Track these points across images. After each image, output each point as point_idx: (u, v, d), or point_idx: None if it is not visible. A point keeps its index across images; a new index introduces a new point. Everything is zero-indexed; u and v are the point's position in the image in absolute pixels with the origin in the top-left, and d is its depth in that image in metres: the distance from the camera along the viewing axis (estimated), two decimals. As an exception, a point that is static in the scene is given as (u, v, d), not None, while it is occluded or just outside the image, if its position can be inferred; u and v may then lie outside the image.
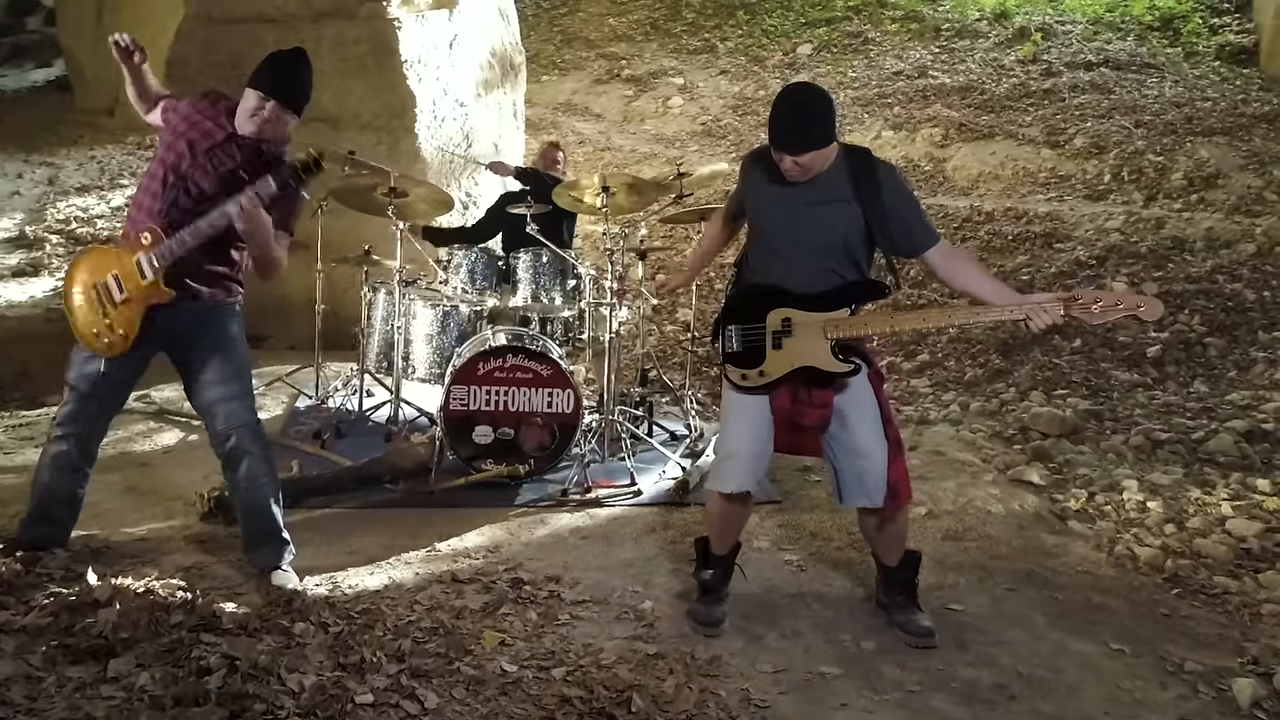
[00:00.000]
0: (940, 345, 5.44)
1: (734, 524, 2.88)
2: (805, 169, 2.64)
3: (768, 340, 2.72)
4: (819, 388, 2.68)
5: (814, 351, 2.67)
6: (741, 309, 2.79)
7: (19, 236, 8.16)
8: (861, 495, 2.70)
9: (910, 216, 2.66)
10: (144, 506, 3.59)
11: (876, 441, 2.67)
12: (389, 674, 2.40)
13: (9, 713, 2.11)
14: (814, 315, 2.67)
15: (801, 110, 2.62)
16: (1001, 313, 2.55)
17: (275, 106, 2.80)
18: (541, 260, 4.22)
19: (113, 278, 2.81)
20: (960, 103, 8.31)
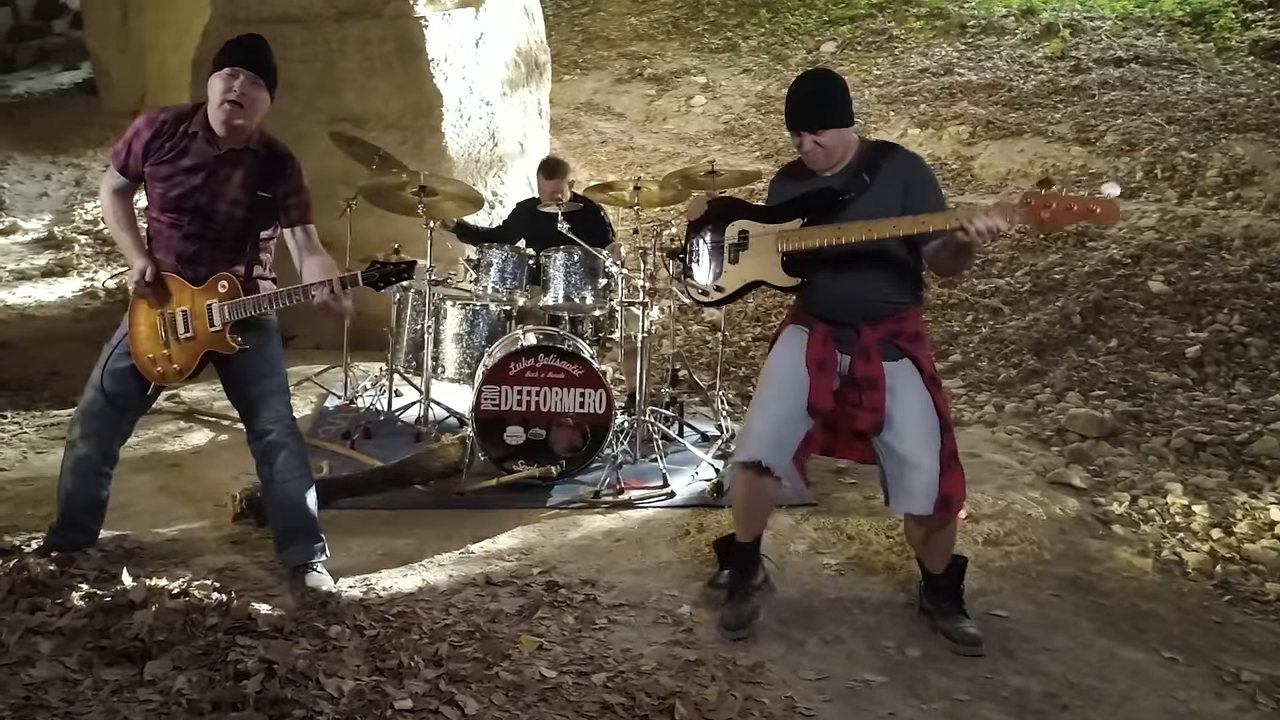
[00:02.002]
0: (973, 345, 5.36)
1: (756, 506, 2.78)
2: (827, 150, 2.61)
3: (725, 254, 2.72)
4: (871, 390, 2.61)
5: (766, 266, 2.68)
6: (702, 223, 2.79)
7: (47, 237, 8.21)
8: (909, 503, 2.64)
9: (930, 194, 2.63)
10: (175, 507, 3.58)
11: (928, 452, 2.59)
12: (427, 679, 2.36)
13: (47, 716, 2.09)
14: (770, 226, 2.68)
15: (818, 89, 2.64)
16: (944, 220, 2.46)
17: (246, 80, 2.70)
18: (573, 259, 4.18)
19: (182, 313, 2.81)
20: (987, 100, 8.19)
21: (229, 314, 2.78)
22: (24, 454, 4.09)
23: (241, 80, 2.69)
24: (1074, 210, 2.34)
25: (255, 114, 2.75)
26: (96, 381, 2.90)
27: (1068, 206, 2.34)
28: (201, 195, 2.77)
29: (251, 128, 2.77)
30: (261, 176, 2.79)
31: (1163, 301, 5.26)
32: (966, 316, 5.64)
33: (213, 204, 2.78)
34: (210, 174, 2.76)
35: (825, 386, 2.65)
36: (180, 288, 2.84)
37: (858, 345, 2.65)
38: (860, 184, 2.62)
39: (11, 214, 8.90)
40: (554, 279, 4.19)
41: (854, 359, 2.65)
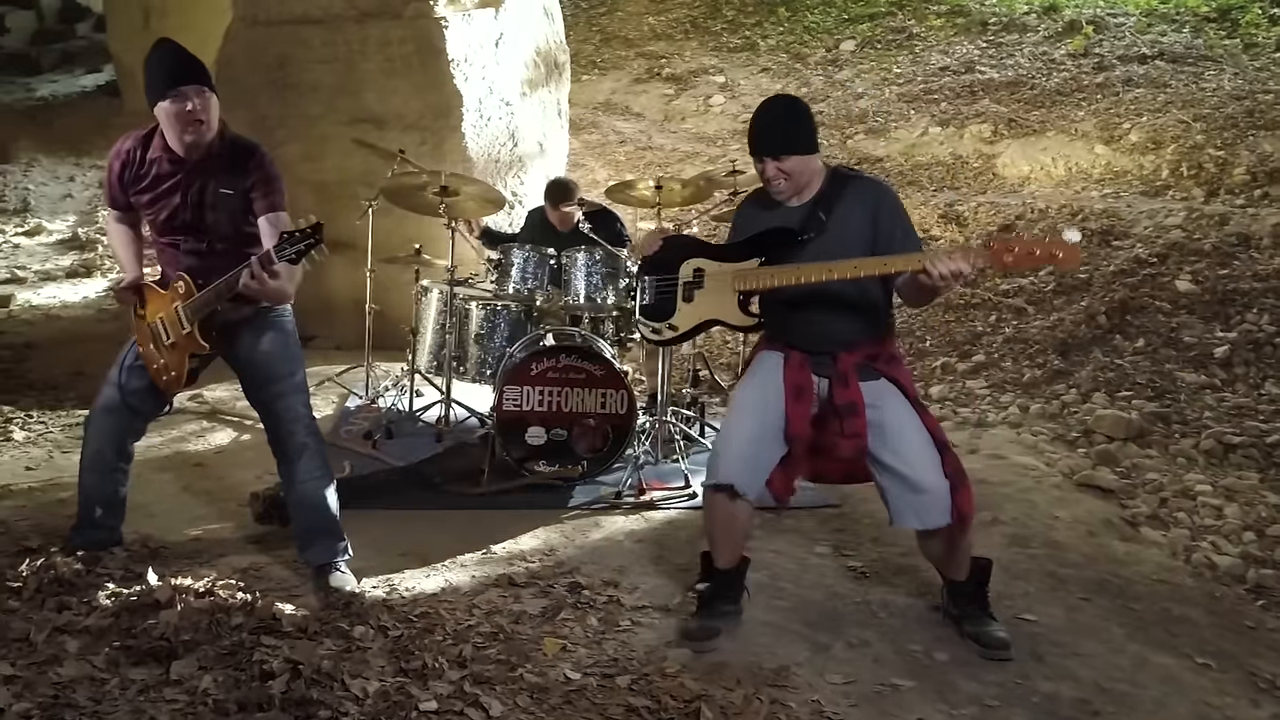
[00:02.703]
0: (996, 345, 5.31)
1: (729, 530, 2.72)
2: (790, 177, 2.57)
3: (679, 292, 2.70)
4: (852, 417, 2.58)
5: (722, 305, 2.66)
6: (657, 261, 2.76)
7: (71, 238, 8.29)
8: (918, 521, 2.61)
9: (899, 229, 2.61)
10: (198, 506, 3.60)
11: (933, 473, 2.56)
12: (451, 680, 2.35)
13: (75, 715, 2.10)
14: (725, 266, 2.65)
15: (781, 115, 2.60)
16: (906, 262, 2.45)
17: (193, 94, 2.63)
18: (594, 259, 4.16)
19: (160, 321, 2.83)
20: (1009, 98, 8.11)
21: (191, 314, 2.77)
22: (50, 453, 4.13)
23: (191, 99, 2.65)
24: (1037, 254, 2.36)
25: (214, 120, 2.73)
26: (114, 379, 2.92)
27: (1030, 251, 2.36)
28: (185, 213, 2.78)
29: (213, 134, 2.75)
30: (227, 175, 2.77)
31: (1190, 301, 5.19)
32: (990, 316, 5.59)
33: (198, 217, 2.78)
34: (185, 190, 2.76)
35: (803, 414, 2.62)
36: (157, 297, 2.86)
37: (835, 370, 2.62)
38: (818, 223, 2.59)
39: (36, 215, 9.00)
40: (575, 279, 4.18)
41: (833, 384, 2.62)
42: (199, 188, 2.76)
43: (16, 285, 7.39)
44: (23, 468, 3.95)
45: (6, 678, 2.14)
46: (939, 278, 2.37)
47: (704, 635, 2.67)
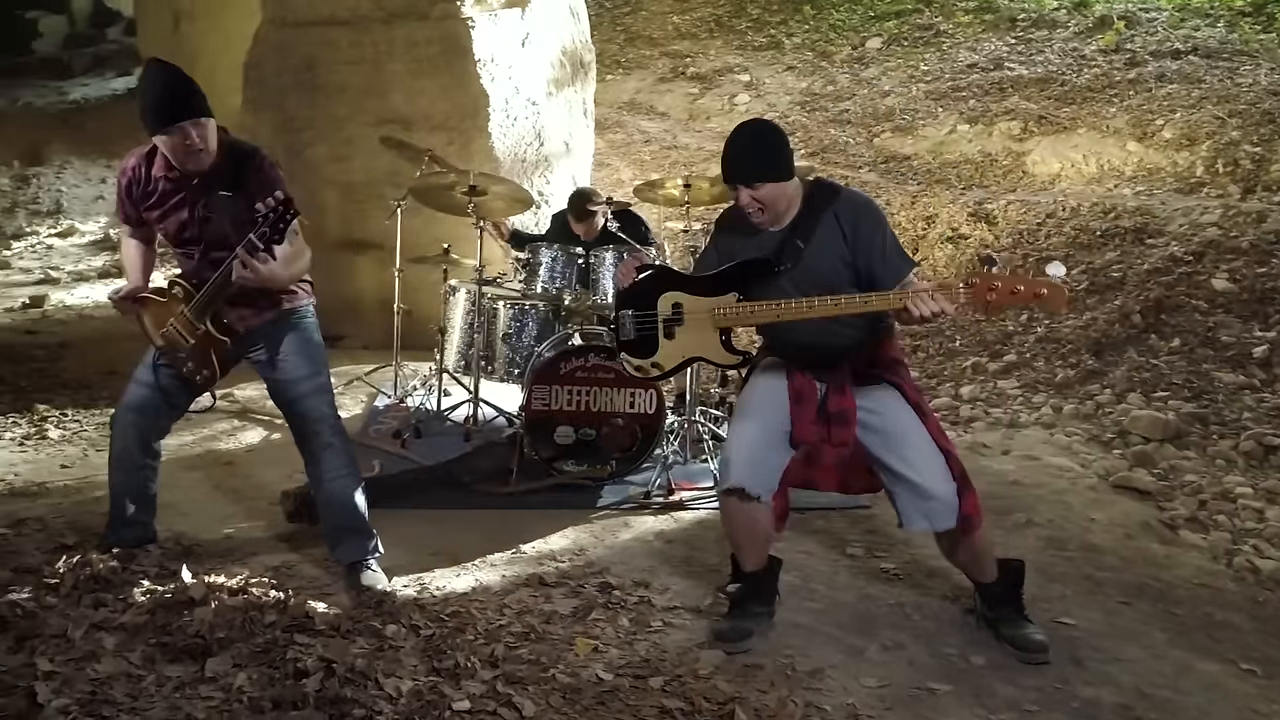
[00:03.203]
0: (1028, 345, 5.24)
1: (749, 533, 2.69)
2: (765, 205, 2.54)
3: (659, 329, 2.67)
4: (840, 425, 2.56)
5: (704, 342, 2.65)
6: (634, 295, 2.72)
7: (103, 239, 8.41)
8: (924, 522, 2.58)
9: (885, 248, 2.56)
10: (230, 505, 3.62)
11: (940, 478, 2.53)
12: (484, 680, 2.35)
13: (112, 711, 2.11)
14: (704, 300, 2.63)
15: (754, 142, 2.55)
16: (886, 301, 2.43)
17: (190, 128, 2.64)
18: (622, 258, 4.15)
19: (172, 326, 2.85)
20: (1039, 95, 8.01)
21: (198, 314, 2.79)
22: (84, 451, 4.17)
23: (189, 133, 2.65)
24: (1020, 293, 2.30)
25: (212, 142, 2.73)
26: (143, 378, 2.93)
27: (1012, 289, 2.30)
28: (194, 227, 2.80)
29: (213, 155, 2.75)
30: (229, 180, 2.78)
31: (1227, 300, 5.09)
32: (1021, 315, 5.52)
33: (209, 229, 2.80)
34: (191, 205, 2.78)
35: (806, 418, 2.60)
36: (159, 306, 2.87)
37: (834, 376, 2.60)
38: (794, 252, 2.56)
39: (69, 217, 9.15)
40: (603, 278, 4.17)
41: (829, 390, 2.60)
42: (204, 201, 2.78)
43: (50, 286, 7.51)
44: (58, 465, 4.00)
45: (46, 673, 2.15)
46: (919, 319, 2.37)
47: (736, 636, 2.65)
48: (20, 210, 9.26)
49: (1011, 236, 6.36)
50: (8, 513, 3.37)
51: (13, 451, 4.18)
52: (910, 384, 2.65)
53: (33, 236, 8.81)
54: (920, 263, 6.37)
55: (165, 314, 2.86)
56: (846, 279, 2.56)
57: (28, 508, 3.45)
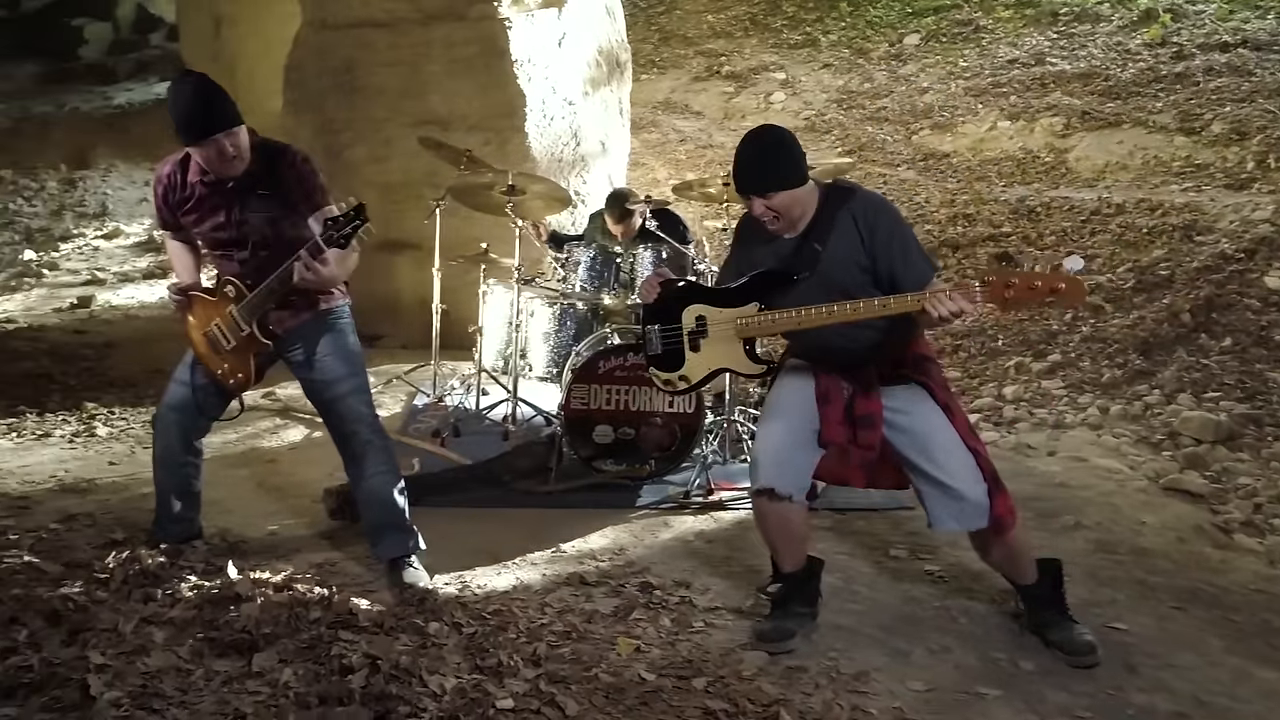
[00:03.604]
0: (1073, 344, 5.14)
1: (782, 533, 2.67)
2: (780, 213, 2.52)
3: (685, 342, 2.68)
4: (867, 428, 2.54)
5: (729, 353, 2.65)
6: (659, 309, 2.73)
7: (147, 241, 8.56)
8: (954, 522, 2.54)
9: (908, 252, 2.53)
10: (273, 502, 3.66)
11: (969, 477, 2.49)
12: (527, 679, 2.34)
13: (163, 705, 2.14)
14: (726, 312, 2.63)
15: (764, 151, 2.52)
16: (904, 304, 2.40)
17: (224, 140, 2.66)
18: (661, 257, 4.14)
19: (216, 327, 2.87)
20: (1082, 90, 7.87)
21: (246, 315, 2.80)
22: (131, 449, 4.24)
23: (224, 144, 2.67)
24: (1037, 289, 2.26)
25: (245, 149, 2.74)
26: (182, 377, 2.96)
27: (1030, 286, 2.26)
28: (231, 229, 2.82)
29: (246, 160, 2.76)
30: (264, 179, 2.80)
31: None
32: (1065, 314, 5.41)
33: (246, 231, 2.81)
34: (228, 209, 2.80)
35: (834, 418, 2.58)
36: (208, 305, 2.89)
37: (860, 378, 2.57)
38: (811, 258, 2.53)
39: (114, 219, 9.33)
40: (641, 277, 4.14)
41: (855, 394, 2.57)
42: (240, 204, 2.80)
43: (97, 286, 7.67)
44: (106, 462, 4.07)
45: (98, 666, 2.18)
46: (938, 320, 2.34)
47: (778, 637, 2.63)
48: (67, 213, 9.45)
49: (1055, 235, 6.25)
50: (59, 508, 3.44)
51: (63, 448, 4.26)
52: (939, 382, 2.62)
53: (80, 238, 8.99)
54: (960, 262, 6.27)
55: (212, 313, 2.88)
56: (865, 282, 2.53)
57: (78, 504, 3.52)
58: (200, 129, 2.65)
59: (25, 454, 4.17)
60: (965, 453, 2.52)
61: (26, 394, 5.04)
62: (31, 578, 2.70)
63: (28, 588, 2.59)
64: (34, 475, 3.87)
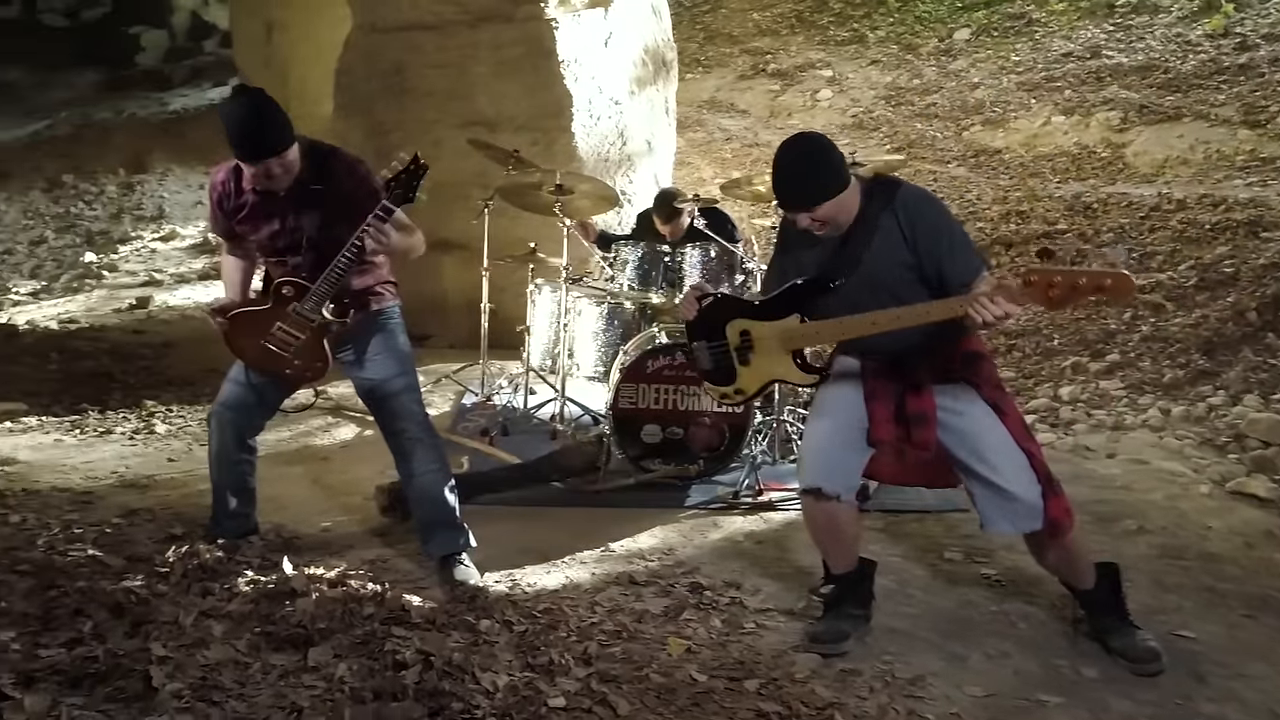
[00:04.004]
0: (1132, 344, 5.00)
1: (831, 533, 2.63)
2: (827, 221, 2.48)
3: (734, 357, 2.66)
4: (920, 426, 2.48)
5: (779, 364, 2.64)
6: (702, 325, 2.71)
7: (202, 243, 8.75)
8: (1007, 524, 2.48)
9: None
10: (325, 499, 3.71)
11: (1021, 477, 2.43)
12: (578, 677, 2.33)
13: (222, 697, 2.16)
14: (769, 325, 2.61)
15: (803, 165, 2.47)
16: (947, 309, 2.34)
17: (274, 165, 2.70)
18: (709, 255, 4.11)
19: (279, 330, 2.86)
20: (1140, 83, 7.68)
21: (314, 305, 2.81)
22: (189, 446, 4.33)
23: (271, 167, 2.69)
24: (1082, 285, 2.16)
25: (294, 168, 2.76)
26: (238, 377, 3.00)
27: (1074, 284, 2.16)
28: (283, 237, 2.85)
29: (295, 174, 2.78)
30: (313, 179, 2.81)
31: (1353, 296, 4.78)
32: (1124, 313, 5.27)
33: (300, 237, 2.83)
34: (282, 216, 2.83)
35: (883, 416, 2.53)
36: (261, 316, 2.87)
37: (908, 377, 2.52)
38: (854, 259, 2.49)
39: (171, 221, 9.56)
40: (689, 276, 4.13)
41: (905, 392, 2.52)
42: (294, 210, 2.83)
43: (154, 288, 7.86)
44: (165, 459, 4.16)
45: (160, 658, 2.22)
46: (982, 325, 2.29)
47: (832, 639, 2.59)
48: (126, 216, 9.71)
49: (1112, 231, 6.09)
50: (120, 504, 3.52)
51: (124, 445, 4.36)
52: (989, 381, 2.55)
53: (137, 241, 9.23)
54: (1014, 260, 6.15)
55: (268, 321, 2.86)
56: (911, 280, 2.49)
57: (138, 499, 3.60)
58: (250, 153, 2.69)
59: (88, 450, 4.28)
60: (1017, 453, 2.46)
61: (89, 392, 5.18)
62: (95, 571, 2.76)
63: (92, 580, 2.65)
64: (96, 471, 3.97)
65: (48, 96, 13.82)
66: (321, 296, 2.81)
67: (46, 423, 4.67)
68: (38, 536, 3.05)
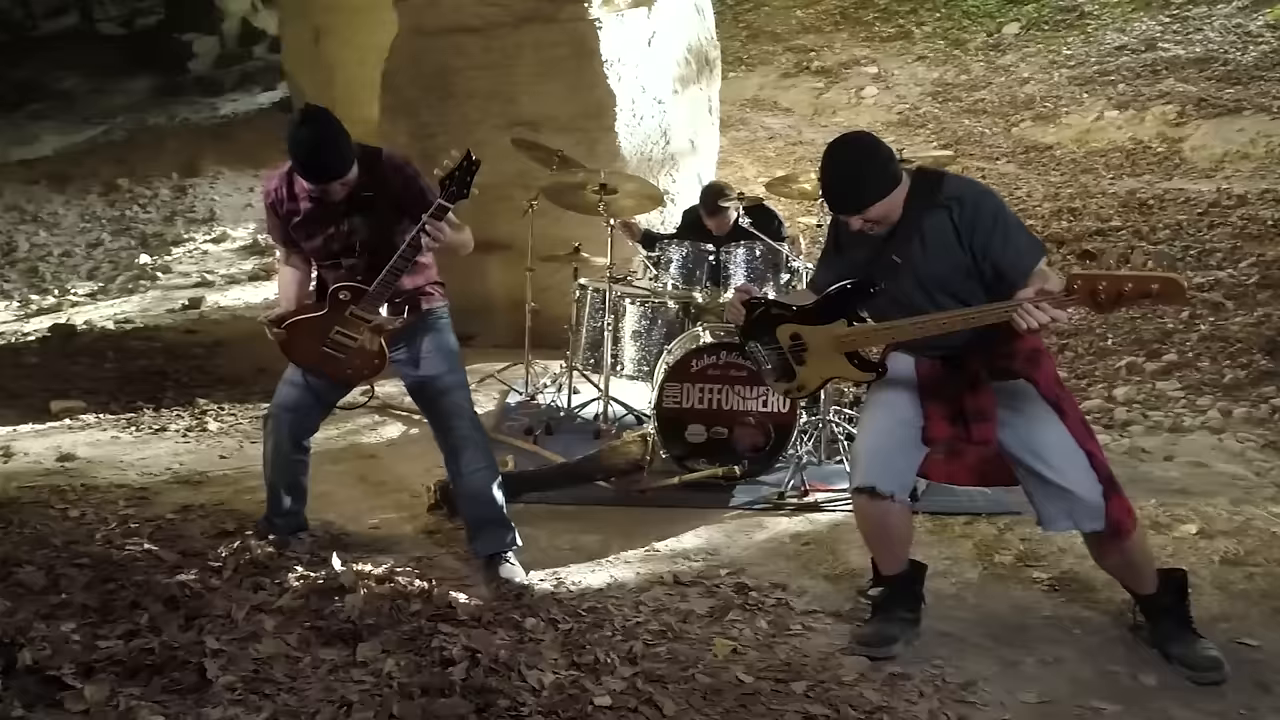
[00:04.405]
0: (1190, 344, 4.87)
1: (882, 534, 2.58)
2: (879, 221, 2.44)
3: (789, 357, 2.63)
4: (980, 422, 2.43)
5: (835, 364, 2.60)
6: (754, 329, 2.68)
7: (252, 244, 8.91)
8: (1067, 522, 2.42)
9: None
10: (373, 497, 3.75)
11: (1081, 476, 2.37)
12: (624, 677, 2.33)
13: (273, 690, 2.19)
14: (818, 330, 2.58)
15: (853, 168, 2.42)
16: (993, 314, 2.29)
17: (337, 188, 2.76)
18: (754, 254, 4.08)
19: (338, 334, 2.89)
20: (1198, 76, 7.48)
21: (371, 304, 2.84)
22: (240, 443, 4.41)
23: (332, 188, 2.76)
24: (1129, 291, 2.09)
25: (352, 184, 2.80)
26: (295, 379, 3.04)
27: (1120, 289, 2.09)
28: (336, 241, 2.87)
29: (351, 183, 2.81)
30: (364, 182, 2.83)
31: None
32: (1182, 312, 5.14)
33: (354, 240, 2.86)
34: (336, 222, 2.86)
35: (939, 414, 2.48)
36: (317, 322, 2.89)
37: (965, 373, 2.47)
38: (903, 258, 2.44)
39: (222, 224, 9.74)
40: (734, 275, 4.11)
41: (963, 390, 2.47)
42: (347, 215, 2.86)
43: (206, 288, 8.02)
44: (217, 456, 4.24)
45: (214, 651, 2.26)
46: (1028, 331, 2.23)
47: (880, 642, 2.55)
48: (179, 218, 9.92)
49: (1168, 228, 5.94)
50: (174, 499, 3.59)
51: (177, 442, 4.46)
52: (1048, 378, 2.49)
53: (190, 243, 9.42)
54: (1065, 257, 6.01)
55: (325, 326, 2.89)
56: (965, 277, 2.43)
57: (192, 495, 3.67)
58: (315, 177, 2.76)
59: (144, 447, 4.38)
60: (1078, 452, 2.40)
61: (144, 390, 5.30)
62: (151, 565, 2.81)
63: (148, 574, 2.70)
64: (151, 467, 4.06)
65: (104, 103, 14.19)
66: (379, 296, 2.84)
67: (104, 420, 4.79)
68: (96, 531, 3.12)
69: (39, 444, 4.36)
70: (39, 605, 2.42)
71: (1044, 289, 2.24)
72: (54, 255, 8.90)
